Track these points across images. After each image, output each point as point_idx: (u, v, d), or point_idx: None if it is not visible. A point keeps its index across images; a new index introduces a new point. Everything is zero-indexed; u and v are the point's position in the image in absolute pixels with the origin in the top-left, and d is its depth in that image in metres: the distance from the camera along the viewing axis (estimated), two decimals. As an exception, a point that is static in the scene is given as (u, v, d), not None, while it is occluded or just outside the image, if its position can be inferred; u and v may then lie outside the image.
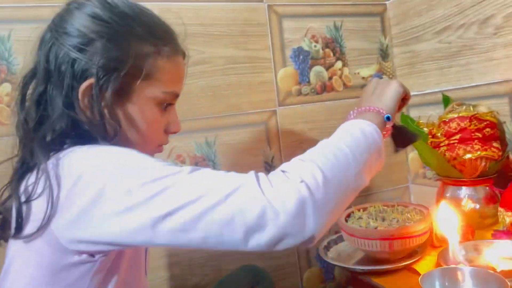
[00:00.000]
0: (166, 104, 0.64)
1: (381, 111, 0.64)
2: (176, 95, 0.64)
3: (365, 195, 1.39)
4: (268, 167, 1.27)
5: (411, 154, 1.47)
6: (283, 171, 0.51)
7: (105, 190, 0.49)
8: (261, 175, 0.50)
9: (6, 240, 0.59)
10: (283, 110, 1.30)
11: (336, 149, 0.54)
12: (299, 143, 1.31)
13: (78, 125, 0.57)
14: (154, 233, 0.48)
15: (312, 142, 1.29)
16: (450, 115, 1.05)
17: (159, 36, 0.62)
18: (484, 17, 1.11)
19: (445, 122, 1.06)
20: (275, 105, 1.29)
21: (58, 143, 0.56)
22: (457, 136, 1.03)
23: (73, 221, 0.50)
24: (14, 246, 0.55)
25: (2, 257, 0.60)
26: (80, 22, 0.58)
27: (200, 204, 0.47)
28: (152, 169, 0.50)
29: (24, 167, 0.57)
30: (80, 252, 0.52)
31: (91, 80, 0.57)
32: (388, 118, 0.64)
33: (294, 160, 0.53)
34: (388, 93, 0.67)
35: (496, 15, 1.08)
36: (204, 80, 1.20)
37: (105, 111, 0.57)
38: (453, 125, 1.04)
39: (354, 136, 0.57)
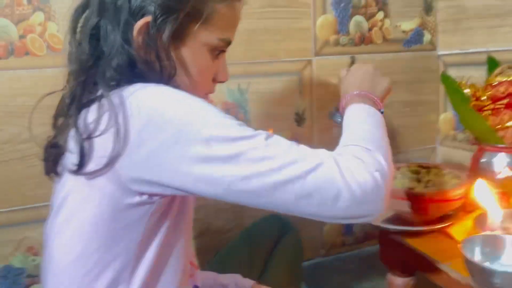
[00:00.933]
0: (219, 51, 0.61)
1: (379, 102, 0.68)
2: (229, 43, 0.62)
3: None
4: (298, 118, 1.25)
5: (443, 114, 1.43)
6: (356, 157, 0.52)
7: (181, 135, 0.48)
8: (338, 156, 0.52)
9: (57, 174, 0.58)
10: (319, 60, 1.25)
11: (379, 137, 0.59)
12: (332, 96, 1.27)
13: (134, 63, 0.55)
14: (228, 190, 0.49)
15: (345, 96, 1.27)
16: (499, 78, 1.00)
17: None
18: (549, -27, 1.03)
19: (492, 85, 1.01)
20: (311, 55, 1.24)
21: (116, 80, 0.54)
22: (505, 101, 0.99)
23: (141, 162, 0.49)
24: (72, 182, 0.54)
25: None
26: None
27: (281, 174, 0.48)
28: (230, 125, 0.50)
29: (76, 102, 0.55)
30: (141, 193, 0.52)
31: (147, 18, 0.54)
32: (381, 113, 0.66)
33: (356, 147, 0.55)
34: (382, 87, 0.70)
35: None
36: (240, 22, 1.15)
37: (160, 52, 0.55)
38: (502, 89, 0.99)
39: (379, 123, 0.62)
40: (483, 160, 1.06)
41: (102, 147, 0.50)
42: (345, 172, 0.50)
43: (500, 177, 1.02)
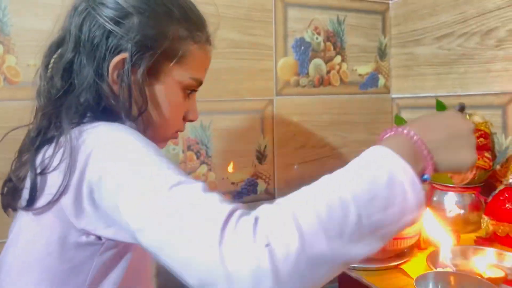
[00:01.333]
0: (190, 90, 0.63)
1: (430, 164, 0.46)
2: (200, 83, 0.65)
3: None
4: (260, 156, 1.27)
5: (397, 154, 1.50)
6: (255, 219, 0.40)
7: (105, 180, 0.47)
8: (233, 218, 0.40)
9: (15, 210, 0.57)
10: (280, 100, 1.29)
11: (337, 201, 0.39)
12: (292, 135, 1.31)
13: (102, 99, 0.55)
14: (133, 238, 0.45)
15: (305, 135, 1.32)
16: (447, 122, 1.07)
17: (194, 21, 0.62)
18: (487, 28, 1.14)
19: (441, 128, 1.08)
20: (272, 94, 1.28)
21: (80, 116, 0.54)
22: (452, 143, 1.05)
23: (84, 198, 0.49)
24: (23, 218, 0.53)
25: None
26: None
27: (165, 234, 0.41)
28: (159, 182, 0.45)
29: (40, 137, 0.55)
30: (87, 233, 0.51)
31: (124, 55, 0.56)
32: (425, 180, 0.46)
33: (277, 206, 0.42)
34: (459, 155, 0.49)
35: (499, 28, 1.11)
36: (204, 61, 1.18)
37: (134, 88, 0.56)
38: (449, 132, 1.06)
39: (373, 183, 0.41)
40: (434, 198, 1.11)
41: (53, 182, 0.50)
42: (226, 240, 0.38)
43: (450, 215, 1.08)
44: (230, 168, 1.22)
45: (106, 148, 0.49)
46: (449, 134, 0.49)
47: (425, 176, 0.46)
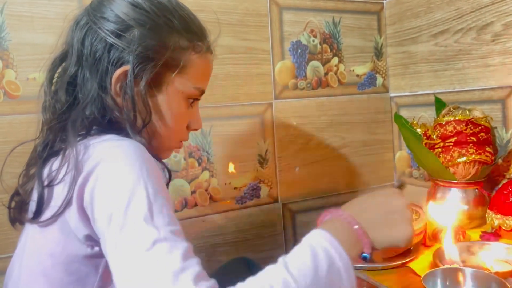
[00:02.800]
0: (193, 99, 0.63)
1: (367, 243, 0.50)
2: (203, 92, 0.65)
3: (350, 192, 1.41)
4: (262, 160, 1.27)
5: (399, 153, 1.50)
6: None
7: (124, 205, 0.46)
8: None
9: (22, 223, 0.57)
10: (279, 103, 1.29)
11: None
12: (293, 138, 1.31)
13: (107, 112, 0.56)
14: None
15: (305, 137, 1.32)
16: (447, 118, 1.07)
17: (194, 31, 0.62)
18: (483, 23, 1.14)
19: (441, 125, 1.08)
20: (271, 98, 1.28)
21: (86, 129, 0.54)
22: (453, 139, 1.05)
23: (88, 213, 0.49)
24: (30, 231, 0.53)
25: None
26: (119, 8, 0.57)
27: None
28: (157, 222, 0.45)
29: (47, 150, 0.55)
30: (92, 245, 0.51)
31: (126, 67, 0.56)
32: (364, 258, 0.51)
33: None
34: (394, 232, 0.52)
35: (495, 23, 1.11)
36: (202, 68, 1.18)
37: (137, 99, 0.56)
38: (449, 128, 1.06)
39: (316, 272, 0.45)
40: (438, 195, 1.11)
41: (58, 194, 0.50)
42: None
43: (453, 210, 1.07)
44: (231, 168, 1.22)
45: (110, 172, 0.48)
46: (383, 212, 0.53)
47: (364, 255, 0.50)
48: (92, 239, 0.50)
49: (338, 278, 0.45)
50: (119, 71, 0.56)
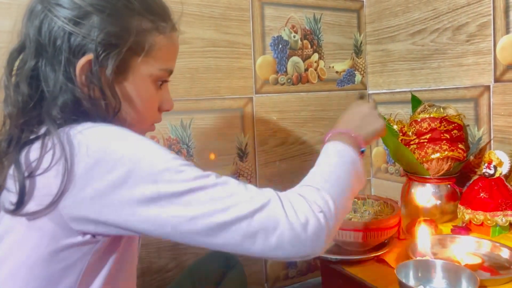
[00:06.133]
0: (162, 81, 0.62)
1: (361, 141, 0.67)
2: (171, 72, 0.63)
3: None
4: (241, 153, 1.27)
5: (375, 149, 1.52)
6: (301, 196, 0.54)
7: (129, 176, 0.48)
8: (283, 196, 0.53)
9: None
10: (259, 98, 1.29)
11: (339, 178, 0.59)
12: (272, 132, 1.32)
13: (78, 101, 0.54)
14: (174, 231, 0.49)
15: (285, 132, 1.33)
16: (422, 115, 1.10)
17: (156, 12, 0.60)
18: (459, 24, 1.17)
19: (416, 122, 1.11)
20: (252, 92, 1.28)
21: (64, 117, 0.53)
22: (427, 136, 1.08)
23: (87, 201, 0.48)
24: (8, 221, 0.51)
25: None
26: None
27: (227, 215, 0.49)
28: (177, 166, 0.50)
29: (15, 143, 0.53)
30: (84, 233, 0.50)
31: (89, 56, 0.54)
32: (362, 152, 0.67)
33: (308, 187, 0.56)
34: (372, 127, 0.70)
35: (470, 23, 1.14)
36: (183, 61, 1.17)
37: (104, 89, 0.54)
38: (424, 125, 1.08)
39: (347, 164, 0.61)
40: (411, 190, 1.14)
41: (45, 185, 0.49)
42: (289, 213, 0.51)
43: (427, 206, 1.10)
44: (211, 157, 1.22)
45: (110, 149, 0.49)
46: (361, 117, 0.71)
47: (362, 149, 0.67)
48: (85, 227, 0.50)
49: (359, 167, 0.62)
50: (82, 61, 0.54)
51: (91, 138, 0.50)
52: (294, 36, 1.34)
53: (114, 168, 0.48)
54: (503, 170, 1.00)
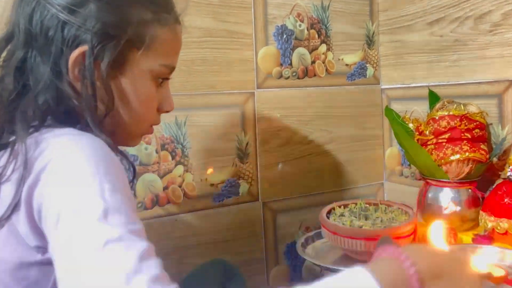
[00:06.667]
0: (162, 78, 0.61)
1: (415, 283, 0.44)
2: (173, 69, 0.62)
3: (338, 191, 1.42)
4: (242, 154, 1.26)
5: (388, 150, 1.51)
6: None
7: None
8: None
9: None
10: (261, 93, 1.28)
11: None
12: (276, 131, 1.31)
13: (63, 101, 0.53)
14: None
15: (289, 130, 1.32)
16: (440, 113, 1.08)
17: (158, 1, 0.59)
18: (481, 12, 1.15)
19: (434, 120, 1.09)
20: (253, 87, 1.27)
21: (39, 120, 0.52)
22: (446, 135, 1.07)
23: (36, 214, 0.47)
24: None
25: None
26: None
27: None
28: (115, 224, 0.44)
29: None
30: (43, 251, 0.49)
31: (83, 48, 0.53)
32: None
33: None
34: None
35: (494, 12, 1.12)
36: (178, 52, 1.16)
37: (98, 85, 0.53)
38: (443, 123, 1.07)
39: None
40: (429, 195, 1.12)
41: (5, 194, 0.48)
42: None
43: (446, 212, 1.09)
44: (209, 171, 1.21)
45: (64, 168, 0.47)
46: (452, 279, 0.46)
47: None
48: (43, 245, 0.48)
49: None
50: (76, 53, 0.53)
51: (54, 148, 0.49)
52: (300, 25, 1.33)
53: (63, 189, 0.45)
54: (530, 173, 0.98)
